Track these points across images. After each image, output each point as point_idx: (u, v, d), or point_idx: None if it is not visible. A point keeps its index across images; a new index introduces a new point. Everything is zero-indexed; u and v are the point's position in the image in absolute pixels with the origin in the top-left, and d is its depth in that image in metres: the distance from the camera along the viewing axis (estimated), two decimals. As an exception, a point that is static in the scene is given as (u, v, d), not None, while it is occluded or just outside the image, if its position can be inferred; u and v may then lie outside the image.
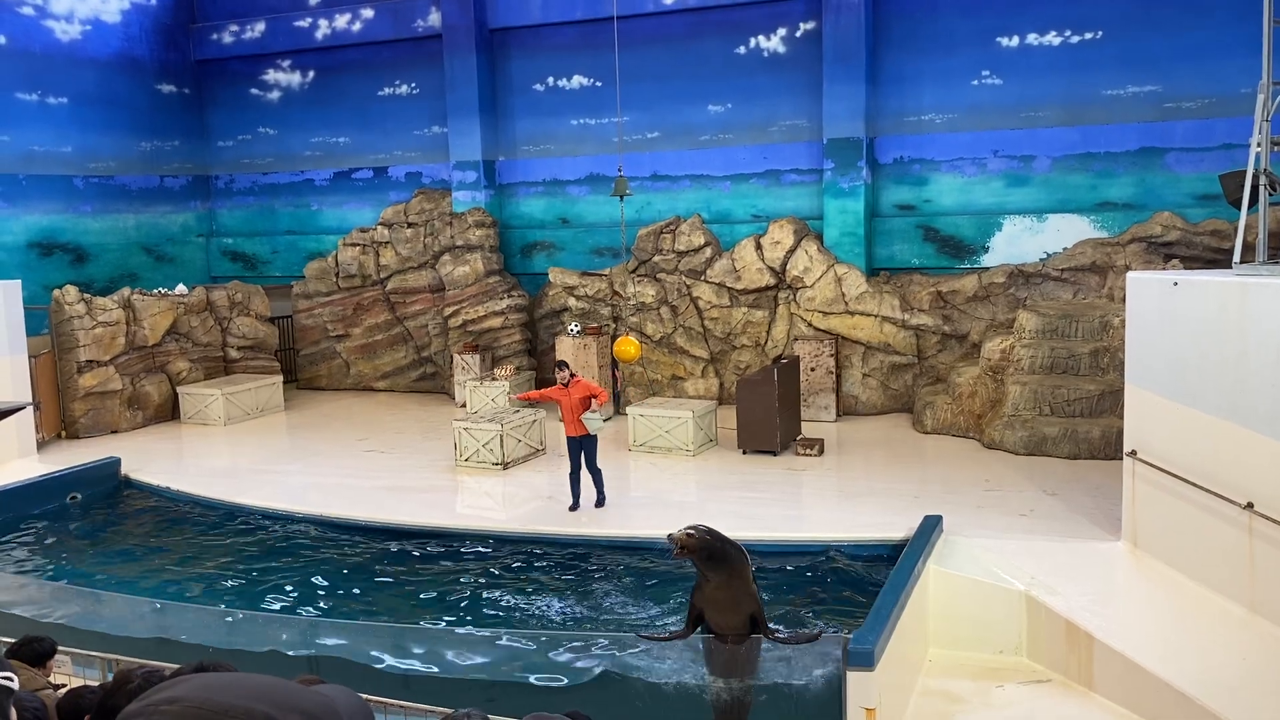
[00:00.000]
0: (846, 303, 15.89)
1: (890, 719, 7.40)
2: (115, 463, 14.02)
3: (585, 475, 11.64)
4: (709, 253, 16.80)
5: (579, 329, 16.48)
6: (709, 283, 16.68)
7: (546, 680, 7.81)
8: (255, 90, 20.93)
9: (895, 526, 10.27)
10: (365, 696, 6.21)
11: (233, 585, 10.52)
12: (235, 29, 20.64)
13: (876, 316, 15.77)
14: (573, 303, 17.59)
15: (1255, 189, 9.02)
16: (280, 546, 11.54)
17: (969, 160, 16.13)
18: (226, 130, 21.30)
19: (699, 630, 7.49)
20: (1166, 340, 8.96)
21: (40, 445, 15.16)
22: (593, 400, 11.40)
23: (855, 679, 7.04)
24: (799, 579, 9.91)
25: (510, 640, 8.15)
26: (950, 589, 9.02)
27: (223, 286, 18.99)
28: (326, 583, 10.47)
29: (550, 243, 18.87)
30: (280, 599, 10.07)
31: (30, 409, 14.51)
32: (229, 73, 21.05)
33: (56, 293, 16.38)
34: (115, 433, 16.42)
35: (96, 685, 4.95)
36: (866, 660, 7.03)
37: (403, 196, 19.79)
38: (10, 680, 2.24)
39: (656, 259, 17.02)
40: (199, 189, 21.43)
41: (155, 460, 14.59)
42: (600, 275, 17.51)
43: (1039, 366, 13.64)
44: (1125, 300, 9.64)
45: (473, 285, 18.29)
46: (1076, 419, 13.16)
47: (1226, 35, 14.17)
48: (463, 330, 18.33)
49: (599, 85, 18.07)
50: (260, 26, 20.41)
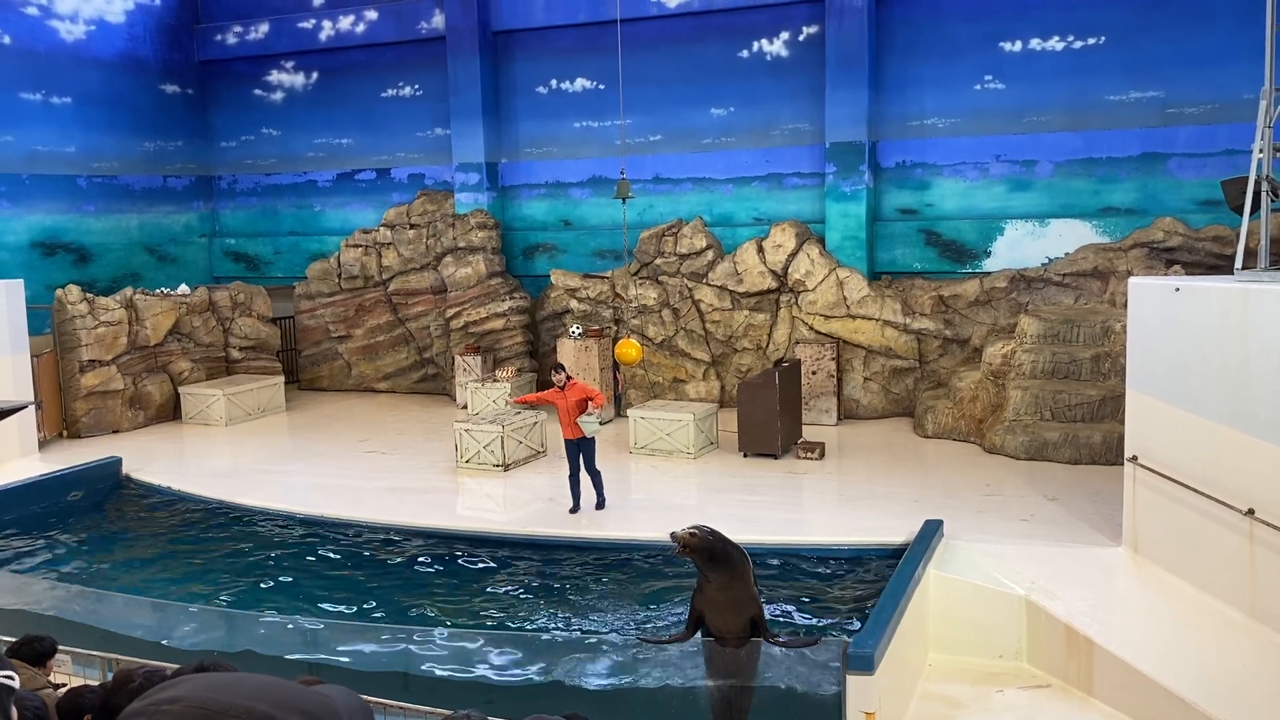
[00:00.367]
0: (848, 306, 15.90)
1: (890, 723, 7.40)
2: (116, 462, 14.04)
3: (585, 477, 11.64)
4: (711, 256, 16.81)
5: (580, 331, 16.48)
6: (710, 286, 16.69)
7: (546, 682, 7.81)
8: (259, 91, 20.96)
9: (896, 531, 10.27)
10: (365, 698, 6.21)
11: (233, 585, 10.52)
12: (239, 30, 20.67)
13: (878, 320, 15.77)
14: (574, 305, 17.60)
15: (1257, 195, 9.02)
16: (280, 547, 11.54)
17: (971, 165, 16.15)
18: (230, 131, 21.33)
19: (699, 633, 7.49)
20: (1168, 346, 8.97)
21: (42, 444, 15.18)
22: (589, 403, 11.41)
23: (855, 683, 7.04)
24: (799, 583, 9.91)
25: (510, 642, 8.15)
26: (950, 594, 9.01)
27: (225, 287, 19.00)
28: (327, 584, 10.47)
29: (552, 245, 18.88)
30: (280, 599, 10.07)
31: (32, 408, 14.52)
32: (233, 73, 21.08)
33: (59, 292, 16.40)
34: (117, 432, 16.44)
35: (96, 685, 4.96)
36: (866, 664, 7.03)
37: (405, 198, 19.81)
38: (11, 679, 2.25)
39: (658, 261, 17.03)
40: (202, 189, 21.45)
41: (156, 460, 14.60)
42: (602, 277, 17.53)
43: (1040, 371, 13.64)
44: (1127, 306, 9.64)
45: (475, 287, 18.31)
46: (1078, 424, 13.16)
47: (1229, 41, 14.18)
48: (464, 332, 18.34)
49: (602, 88, 18.10)
50: (264, 28, 20.44)
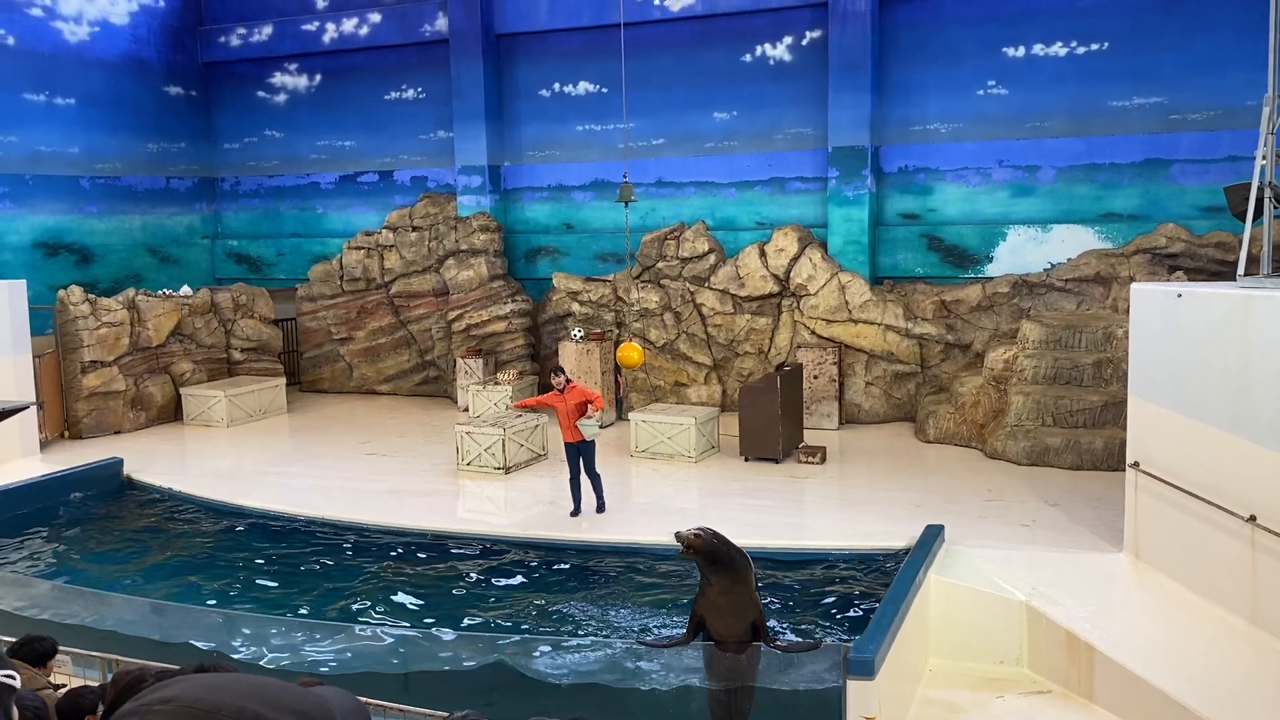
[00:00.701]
0: (850, 311, 15.90)
1: (890, 728, 7.39)
2: (118, 463, 14.04)
3: (586, 481, 11.64)
4: (713, 259, 16.81)
5: (582, 334, 16.48)
6: (713, 289, 16.69)
7: (546, 684, 7.80)
8: (262, 93, 20.99)
9: (897, 535, 10.27)
10: (366, 699, 6.19)
11: (233, 587, 10.52)
12: (243, 32, 20.70)
13: (880, 325, 15.77)
14: (576, 308, 17.61)
15: (1260, 201, 9.03)
16: (281, 548, 11.54)
17: (974, 170, 16.15)
18: (233, 132, 21.36)
19: (700, 637, 7.48)
20: (1170, 352, 8.96)
21: (43, 445, 15.19)
22: (588, 406, 11.41)
23: (855, 688, 7.04)
24: (800, 587, 9.90)
25: (511, 644, 8.14)
26: (951, 599, 9.00)
27: (227, 288, 19.02)
28: (327, 585, 10.47)
29: (554, 248, 18.89)
30: (281, 601, 10.07)
31: (34, 409, 14.52)
32: (236, 75, 21.11)
33: (61, 293, 16.41)
34: (118, 433, 16.44)
35: (96, 686, 4.96)
36: (867, 669, 7.03)
37: (408, 200, 19.83)
38: (13, 678, 2.25)
39: (660, 265, 17.03)
40: (205, 191, 21.48)
41: (158, 461, 14.61)
42: (604, 281, 17.53)
43: (1042, 377, 13.63)
44: (1129, 311, 9.63)
45: (476, 289, 18.31)
46: (1079, 430, 13.15)
47: (1232, 48, 14.19)
48: (466, 334, 18.35)
49: (605, 91, 18.12)
50: (268, 30, 20.47)
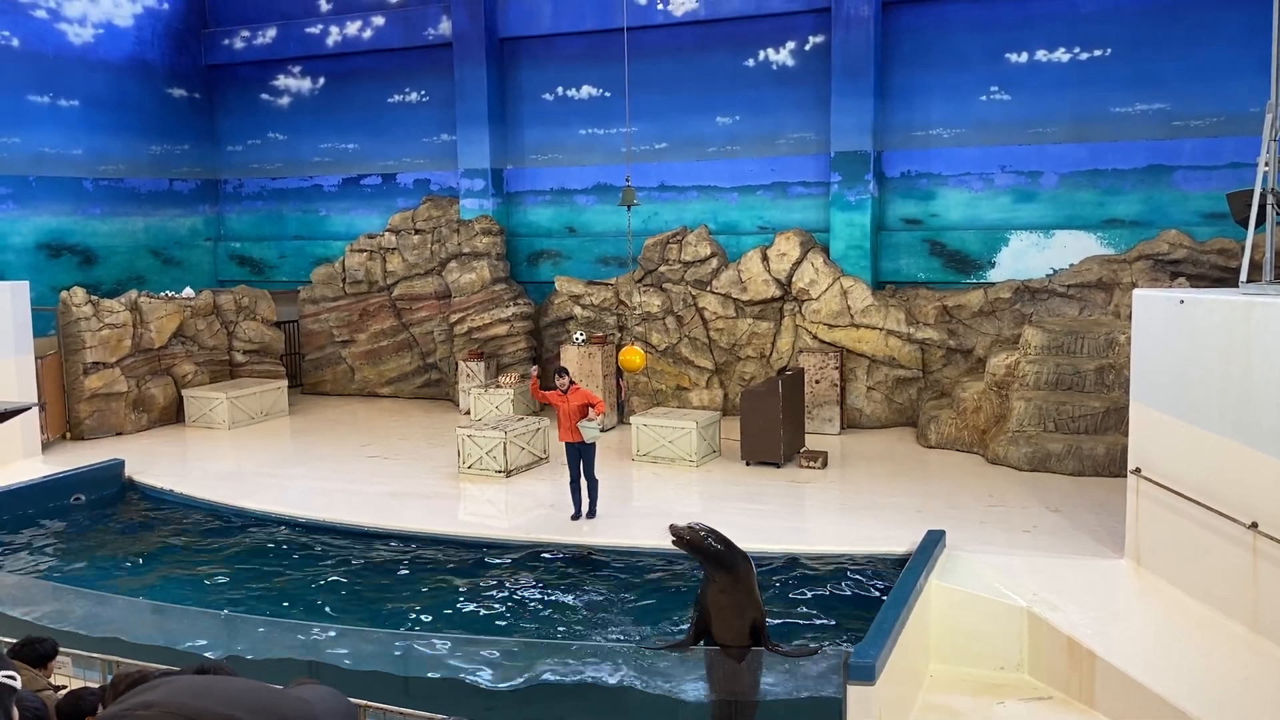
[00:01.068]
0: (852, 315, 15.89)
1: (890, 734, 7.38)
2: (119, 465, 14.05)
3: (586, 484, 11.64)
4: (715, 263, 16.82)
5: (584, 338, 16.48)
6: (715, 293, 16.70)
7: (546, 687, 7.79)
8: (265, 95, 21.03)
9: (898, 540, 10.26)
10: (365, 703, 6.18)
11: (234, 589, 10.52)
12: (247, 34, 20.74)
13: (882, 330, 15.77)
14: (578, 311, 17.61)
15: (1263, 208, 9.02)
16: (282, 551, 11.54)
17: (976, 175, 16.15)
18: (236, 135, 21.39)
19: (701, 641, 7.49)
20: (1172, 358, 8.96)
21: (45, 446, 15.20)
22: (590, 409, 11.41)
23: (856, 693, 7.03)
24: (801, 592, 9.89)
25: (511, 648, 8.14)
26: (952, 604, 8.99)
27: (229, 290, 19.04)
28: (328, 588, 10.47)
29: (557, 251, 18.90)
30: (281, 603, 10.07)
31: (36, 409, 14.54)
32: (240, 78, 21.15)
33: (64, 294, 16.44)
34: (120, 435, 16.46)
35: (97, 687, 4.95)
36: (867, 674, 7.02)
37: (410, 203, 19.85)
38: (13, 679, 2.25)
39: (662, 269, 17.04)
40: (208, 193, 21.51)
41: (159, 463, 14.62)
42: (606, 284, 17.54)
43: (1044, 382, 13.62)
44: (1131, 317, 9.63)
45: (479, 292, 18.32)
46: (1081, 436, 13.14)
47: (1236, 54, 14.20)
48: (468, 337, 18.35)
49: (608, 95, 18.14)
50: (271, 32, 20.51)
